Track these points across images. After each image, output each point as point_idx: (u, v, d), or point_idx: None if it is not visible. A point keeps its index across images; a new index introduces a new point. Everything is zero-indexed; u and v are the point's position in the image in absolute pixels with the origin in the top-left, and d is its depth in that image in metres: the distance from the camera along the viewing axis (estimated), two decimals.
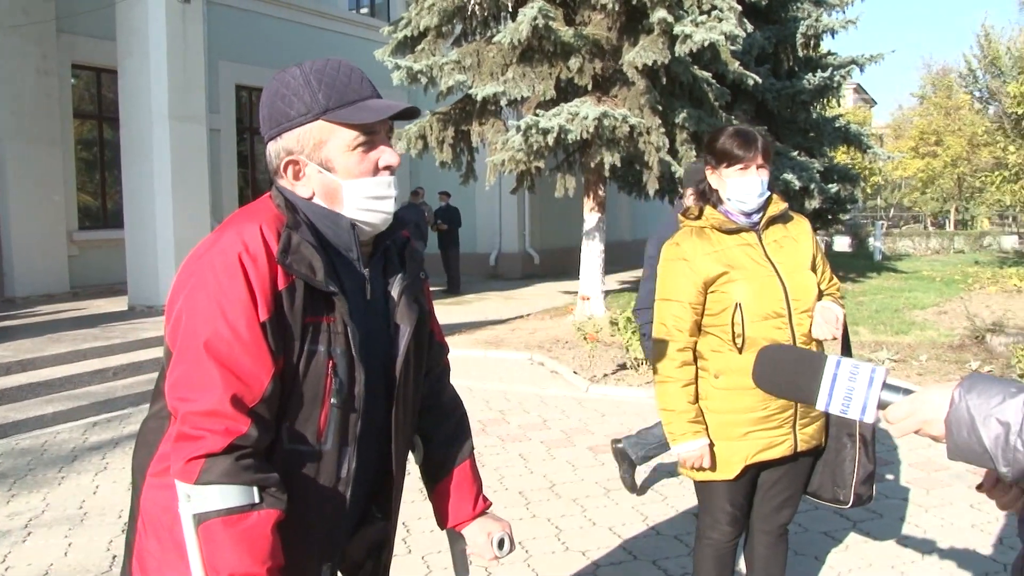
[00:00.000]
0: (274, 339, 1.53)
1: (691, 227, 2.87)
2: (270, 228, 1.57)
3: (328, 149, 1.63)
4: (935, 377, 7.91)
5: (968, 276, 17.09)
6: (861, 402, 1.39)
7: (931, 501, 4.88)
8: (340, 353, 1.60)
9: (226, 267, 1.51)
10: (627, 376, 8.24)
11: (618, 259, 19.43)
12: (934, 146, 37.21)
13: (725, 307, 2.74)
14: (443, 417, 1.98)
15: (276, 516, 1.51)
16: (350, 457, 1.65)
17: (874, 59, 16.08)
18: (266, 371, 1.52)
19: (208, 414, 1.47)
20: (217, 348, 1.49)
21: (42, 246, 12.39)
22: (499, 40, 10.37)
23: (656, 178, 10.78)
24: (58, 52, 12.59)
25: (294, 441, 1.59)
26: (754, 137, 2.78)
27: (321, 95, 1.61)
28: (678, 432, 2.78)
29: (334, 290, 1.57)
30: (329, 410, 1.60)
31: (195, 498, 1.47)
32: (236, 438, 1.47)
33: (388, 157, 1.66)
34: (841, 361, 1.42)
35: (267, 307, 1.52)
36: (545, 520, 4.68)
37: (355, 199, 1.65)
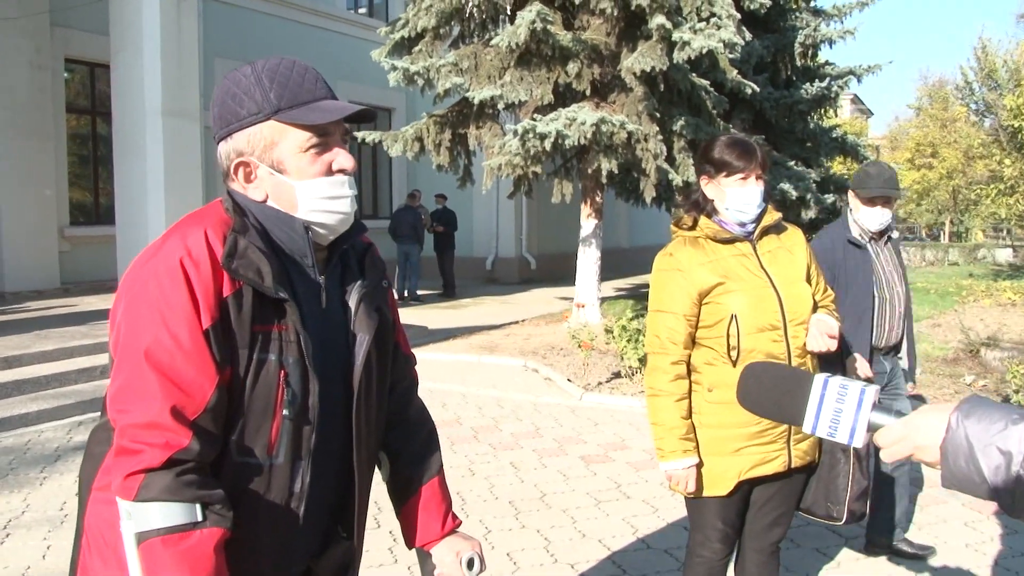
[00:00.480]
0: (219, 348, 1.45)
1: (684, 237, 2.81)
2: (216, 232, 1.50)
3: (279, 150, 1.56)
4: (930, 391, 7.86)
5: (962, 289, 17.05)
6: (850, 425, 1.31)
7: (925, 518, 4.81)
8: (293, 363, 1.52)
9: (168, 273, 1.44)
10: (621, 385, 8.17)
11: (615, 266, 19.40)
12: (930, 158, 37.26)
13: (720, 319, 2.67)
14: (410, 432, 1.90)
15: (220, 535, 1.43)
16: (303, 472, 1.57)
17: (871, 70, 16.04)
18: (209, 381, 1.44)
19: (147, 426, 1.40)
20: (157, 357, 1.42)
21: (33, 241, 12.29)
22: (497, 43, 10.30)
23: (653, 186, 10.71)
24: (51, 46, 12.51)
25: (243, 454, 1.51)
26: (753, 147, 2.74)
27: (273, 94, 1.54)
28: (667, 449, 2.71)
29: (284, 296, 1.50)
30: (281, 422, 1.52)
31: (135, 515, 1.40)
32: (176, 452, 1.40)
33: (342, 160, 1.60)
34: (829, 380, 1.34)
35: (210, 314, 1.44)
36: (535, 531, 4.60)
37: (309, 200, 1.58)
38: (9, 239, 12.05)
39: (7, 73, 11.88)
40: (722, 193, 2.73)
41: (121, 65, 10.66)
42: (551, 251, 19.58)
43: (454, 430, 6.57)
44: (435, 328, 11.56)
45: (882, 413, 1.29)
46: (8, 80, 11.89)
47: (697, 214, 2.80)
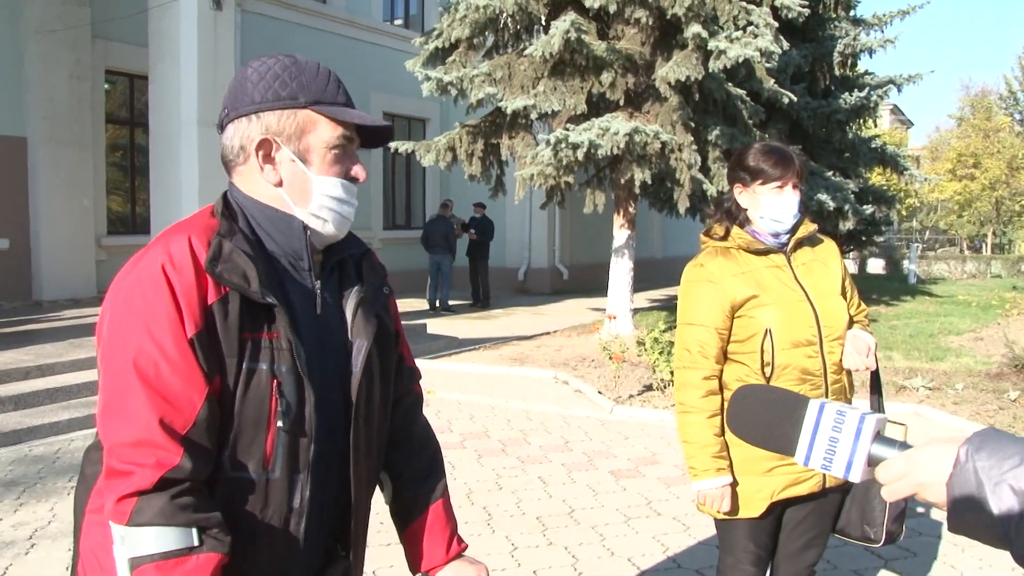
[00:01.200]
0: (205, 357, 1.39)
1: (716, 247, 2.70)
2: (200, 238, 1.44)
3: (308, 140, 1.53)
4: (971, 407, 7.66)
5: (1005, 302, 16.71)
6: (846, 457, 1.17)
7: (968, 540, 4.62)
8: (286, 371, 1.45)
9: (150, 281, 1.39)
10: (653, 398, 8.05)
11: (648, 277, 19.25)
12: (972, 168, 36.66)
13: (753, 333, 2.57)
14: (414, 452, 1.81)
15: (218, 560, 1.36)
16: (302, 486, 1.50)
17: (912, 79, 15.81)
18: (198, 392, 1.38)
19: (136, 444, 1.34)
20: (142, 369, 1.36)
21: (70, 250, 12.42)
22: (531, 53, 10.27)
23: (687, 196, 10.58)
24: (92, 57, 12.65)
25: (237, 469, 1.44)
26: (790, 155, 2.65)
27: (315, 85, 1.54)
28: (700, 468, 2.60)
29: (271, 301, 1.43)
30: (276, 434, 1.45)
31: (128, 540, 1.33)
32: (168, 471, 1.33)
33: (359, 170, 1.60)
34: (825, 406, 1.20)
35: (195, 322, 1.38)
36: (562, 548, 4.51)
37: (322, 196, 1.55)
38: (47, 248, 12.19)
39: (48, 84, 12.04)
40: (757, 202, 2.64)
41: (159, 76, 10.76)
42: (584, 261, 19.48)
43: (482, 443, 6.51)
44: (465, 338, 11.51)
45: (884, 445, 1.16)
46: (49, 91, 12.04)
47: (729, 224, 2.70)
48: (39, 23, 11.85)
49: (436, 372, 9.04)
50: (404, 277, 15.48)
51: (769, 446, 1.30)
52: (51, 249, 12.21)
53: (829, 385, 2.60)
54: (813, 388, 2.56)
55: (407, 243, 17.78)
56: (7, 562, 4.25)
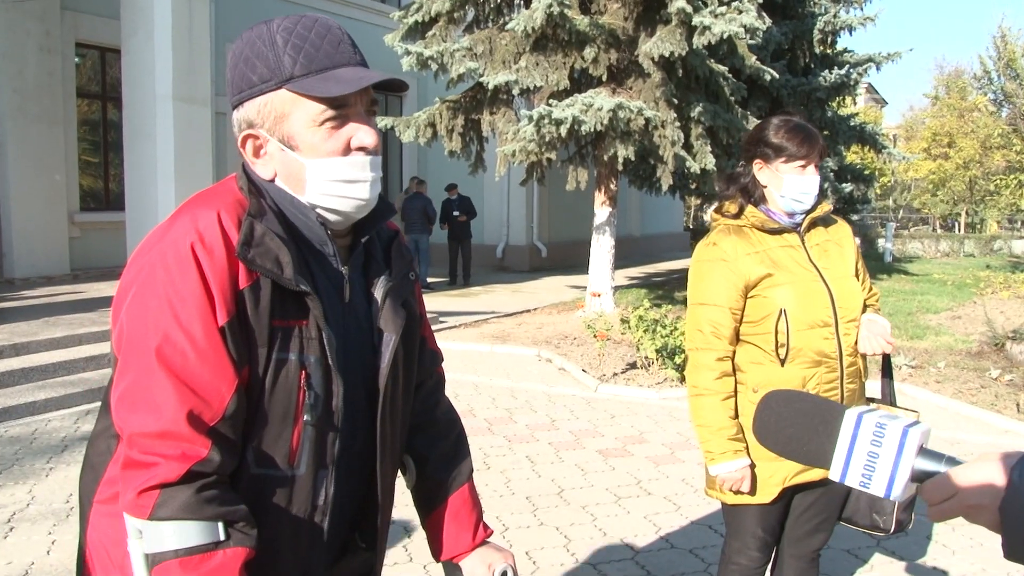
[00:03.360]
0: (236, 346, 1.30)
1: (728, 225, 2.62)
2: (230, 216, 1.33)
3: (291, 123, 1.38)
4: (954, 385, 7.68)
5: (980, 280, 16.84)
6: (887, 474, 1.06)
7: (956, 541, 4.57)
8: (314, 362, 1.36)
9: (178, 261, 1.28)
10: (637, 376, 8.01)
11: (627, 254, 19.24)
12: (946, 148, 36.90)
13: (767, 314, 2.50)
14: (438, 436, 1.73)
15: (245, 555, 1.28)
16: (328, 482, 1.41)
17: (891, 57, 15.83)
18: (228, 384, 1.29)
19: (161, 435, 1.24)
20: (169, 357, 1.26)
21: (42, 227, 12.19)
22: (512, 27, 10.13)
23: (670, 173, 10.52)
24: (62, 30, 12.37)
25: (262, 464, 1.36)
26: (816, 134, 2.57)
27: (287, 59, 1.35)
28: (717, 451, 2.53)
29: (305, 289, 1.34)
30: (303, 428, 1.37)
31: (148, 535, 1.24)
32: (195, 464, 1.25)
33: (363, 136, 1.40)
34: (863, 417, 1.09)
35: (226, 308, 1.29)
36: (554, 528, 4.46)
37: (320, 182, 1.40)
38: (19, 225, 11.95)
39: (17, 57, 11.76)
40: (779, 180, 2.55)
41: (132, 50, 10.52)
42: (562, 239, 19.42)
43: (468, 421, 6.40)
44: (446, 316, 11.42)
45: (929, 460, 1.05)
46: (18, 64, 11.77)
47: (744, 201, 2.62)
48: None
49: None
50: None
51: (801, 459, 1.19)
52: (23, 226, 11.98)
53: (844, 368, 2.54)
54: (828, 371, 2.51)
55: None
56: None
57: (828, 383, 2.51)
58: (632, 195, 20.80)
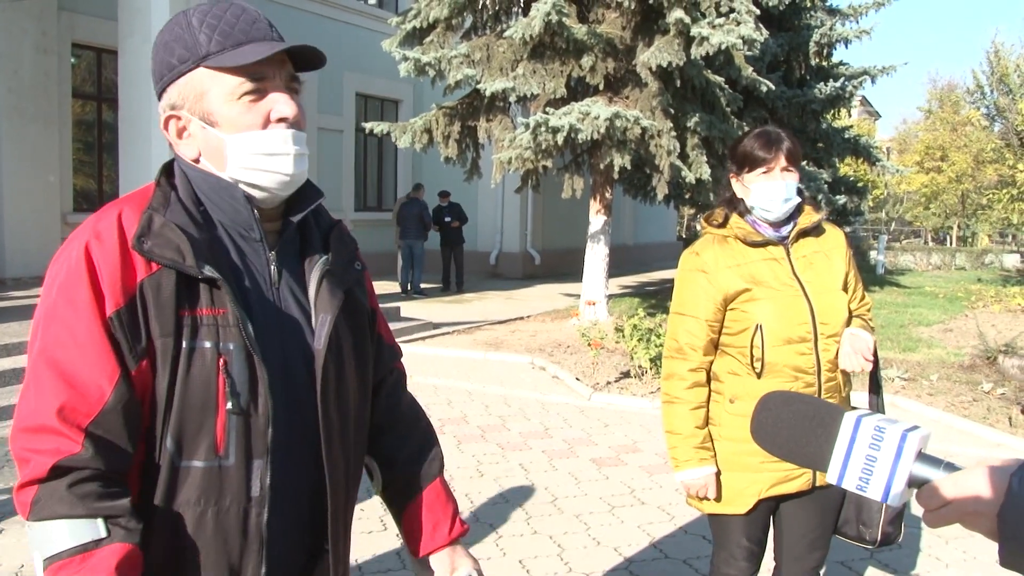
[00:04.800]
0: (125, 338, 1.29)
1: (713, 235, 2.62)
2: (133, 211, 1.34)
3: (210, 100, 1.38)
4: (946, 398, 7.70)
5: (971, 294, 16.90)
6: (884, 478, 1.05)
7: (951, 531, 4.63)
8: (234, 349, 1.34)
9: (72, 262, 1.31)
10: (631, 385, 8.01)
11: (620, 263, 19.25)
12: (939, 161, 37.01)
13: (745, 328, 2.50)
14: (405, 434, 1.70)
15: (128, 550, 1.25)
16: (262, 473, 1.38)
17: (886, 71, 15.91)
18: (107, 377, 1.28)
19: (36, 430, 1.25)
20: (51, 354, 1.28)
21: (35, 227, 12.12)
22: (510, 35, 10.14)
23: (666, 183, 10.53)
24: (58, 30, 12.32)
25: (188, 456, 1.34)
26: (778, 137, 2.52)
27: (202, 37, 1.37)
28: (682, 458, 2.56)
29: (211, 275, 1.32)
30: (227, 417, 1.34)
31: (36, 539, 1.24)
32: (64, 459, 1.23)
33: (282, 107, 1.39)
34: (862, 420, 1.08)
35: (115, 301, 1.29)
36: (547, 537, 4.45)
37: (240, 156, 1.39)
38: (11, 225, 11.89)
39: (12, 56, 11.71)
40: (747, 190, 2.55)
41: (128, 51, 10.49)
42: (555, 247, 19.43)
43: (461, 428, 6.42)
44: (439, 322, 11.40)
45: (927, 465, 1.04)
46: (13, 64, 11.72)
47: (729, 211, 2.61)
48: None
49: (411, 356, 8.93)
50: (375, 259, 15.28)
51: (798, 461, 1.19)
52: (15, 226, 11.91)
53: (823, 383, 2.53)
54: (806, 386, 2.50)
55: (379, 224, 17.62)
56: None
57: None
58: (626, 204, 20.83)
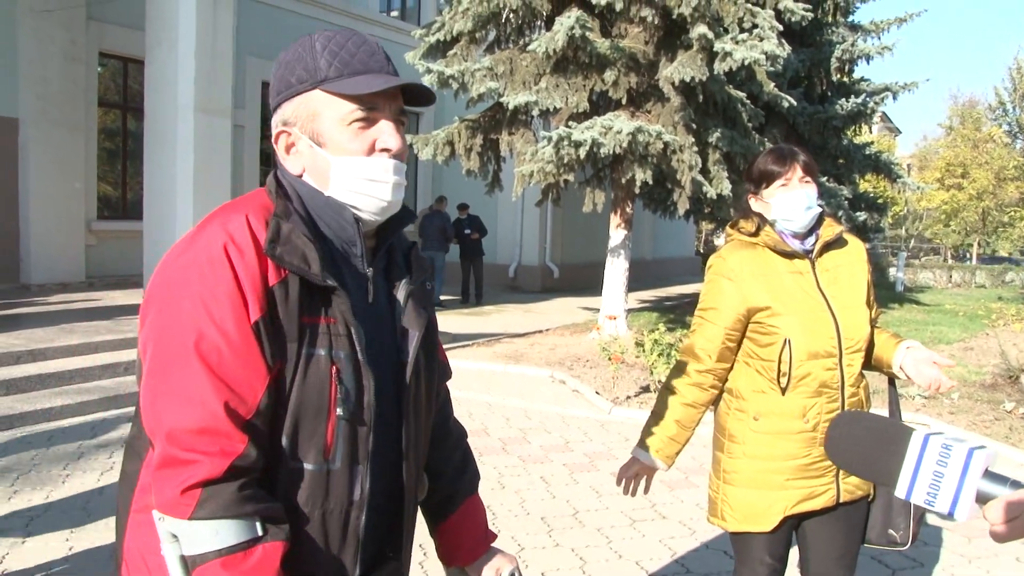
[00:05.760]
0: (268, 342, 1.33)
1: (741, 241, 2.63)
2: (258, 218, 1.37)
3: (321, 121, 1.44)
4: (968, 417, 7.65)
5: (992, 312, 16.77)
6: (952, 493, 1.10)
7: (973, 551, 4.63)
8: (344, 357, 1.39)
9: (210, 262, 1.32)
10: (651, 400, 8.00)
11: (638, 278, 19.22)
12: (960, 178, 36.84)
13: (771, 342, 2.51)
14: (452, 447, 1.79)
15: (283, 548, 1.30)
16: (363, 477, 1.43)
17: (908, 87, 15.83)
18: (260, 379, 1.31)
19: (200, 432, 1.26)
20: (206, 353, 1.29)
21: (60, 233, 12.26)
22: (534, 49, 10.19)
23: (687, 198, 10.54)
24: (86, 39, 12.50)
25: (298, 459, 1.38)
26: (792, 151, 2.57)
27: (323, 62, 1.43)
28: (646, 439, 2.61)
29: (332, 284, 1.37)
30: (336, 423, 1.39)
31: (184, 537, 1.25)
32: (236, 459, 1.27)
33: (388, 138, 1.46)
34: (930, 438, 1.13)
35: (259, 305, 1.32)
36: (569, 550, 4.46)
37: (345, 179, 1.45)
38: (36, 230, 12.02)
39: (42, 64, 11.88)
40: (767, 206, 2.57)
41: (156, 60, 10.62)
42: (574, 260, 19.44)
43: (481, 440, 6.44)
44: (458, 334, 11.43)
45: (993, 482, 1.09)
46: (42, 71, 11.88)
47: (760, 221, 2.62)
48: (33, 2, 11.69)
49: None
50: None
51: (869, 476, 1.26)
52: (41, 232, 12.05)
53: (846, 398, 2.53)
54: (829, 400, 2.50)
55: None
56: (4, 551, 4.15)
57: (829, 413, 2.50)
58: (645, 218, 20.81)
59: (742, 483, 2.58)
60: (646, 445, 2.61)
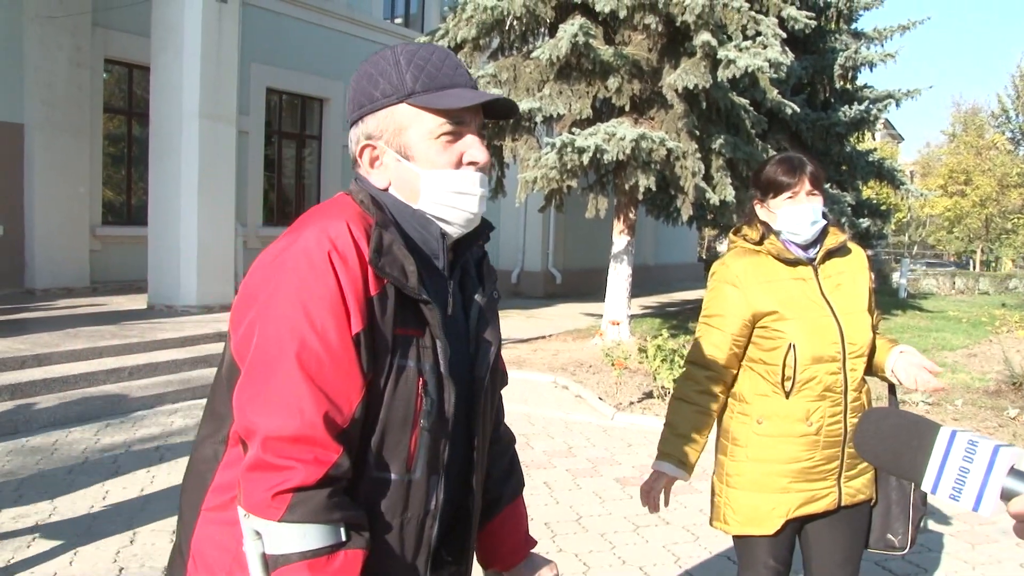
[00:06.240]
0: (366, 353, 1.34)
1: (744, 248, 2.66)
2: (357, 226, 1.38)
3: (409, 135, 1.46)
4: (972, 423, 7.66)
5: (995, 319, 16.75)
6: (976, 489, 1.11)
7: (977, 558, 4.64)
8: (429, 369, 1.41)
9: (312, 268, 1.32)
10: (654, 405, 8.02)
11: (641, 283, 19.21)
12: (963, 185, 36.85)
13: (776, 347, 2.53)
14: (502, 452, 1.80)
15: (363, 556, 1.32)
16: (439, 488, 1.46)
17: (911, 94, 15.86)
18: (356, 389, 1.33)
19: (295, 440, 1.28)
20: (307, 361, 1.30)
21: (64, 238, 12.30)
22: (537, 56, 10.21)
23: (690, 204, 10.55)
24: (92, 45, 12.55)
25: (382, 468, 1.40)
26: (801, 162, 2.59)
27: (409, 77, 1.45)
28: (666, 450, 2.60)
29: (427, 298, 1.39)
30: (419, 434, 1.41)
31: (269, 537, 1.27)
32: (329, 468, 1.28)
33: (475, 152, 1.48)
34: (956, 434, 1.15)
35: (361, 316, 1.33)
36: (573, 555, 4.47)
37: (434, 192, 1.47)
38: (41, 235, 12.06)
39: (47, 70, 11.93)
40: (773, 216, 2.60)
41: (161, 67, 10.69)
42: (577, 266, 19.45)
43: None
44: None
45: (1018, 480, 1.11)
46: (48, 77, 11.93)
47: (765, 230, 2.65)
48: (39, 8, 11.75)
49: None
50: None
51: (896, 471, 1.28)
52: (45, 237, 12.09)
53: (849, 402, 2.56)
54: (833, 404, 2.54)
55: None
56: (9, 555, 4.17)
57: (832, 416, 2.54)
58: (647, 224, 20.82)
59: (745, 486, 2.60)
60: (668, 457, 2.60)
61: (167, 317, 10.07)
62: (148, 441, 6.31)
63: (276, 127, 16.06)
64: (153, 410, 7.22)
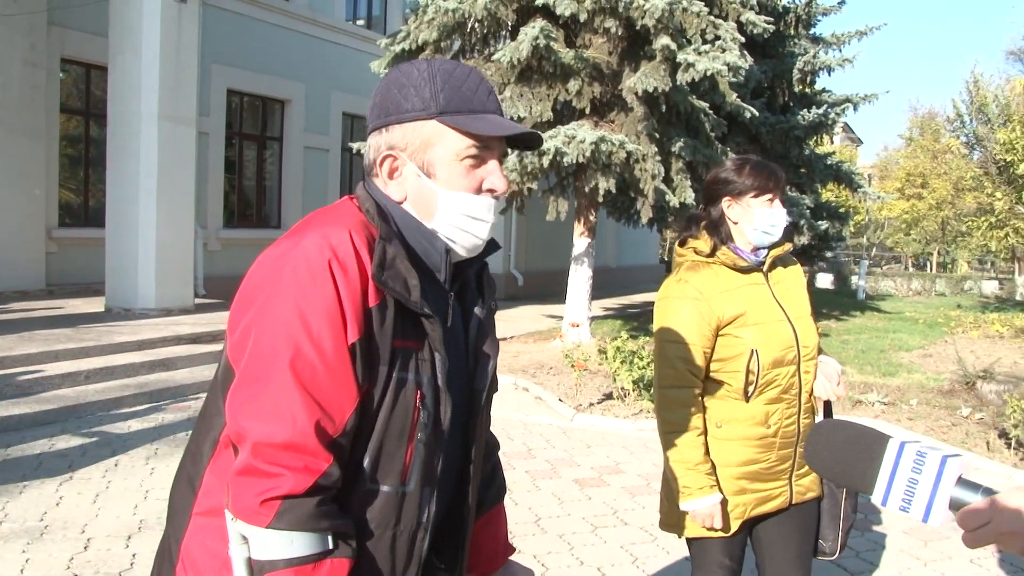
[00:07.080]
0: (362, 364, 1.34)
1: (698, 262, 2.68)
2: (359, 236, 1.38)
3: (435, 152, 1.46)
4: (926, 423, 7.79)
5: (951, 320, 17.06)
6: (925, 500, 1.14)
7: (929, 554, 4.73)
8: (426, 382, 1.42)
9: (312, 275, 1.32)
10: (613, 407, 8.07)
11: (602, 285, 19.31)
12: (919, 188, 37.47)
13: (738, 353, 2.56)
14: (487, 457, 1.80)
15: (349, 565, 1.33)
16: (432, 500, 1.46)
17: (868, 99, 16.08)
18: (350, 399, 1.33)
19: (286, 447, 1.28)
20: (301, 369, 1.30)
21: (19, 241, 12.09)
22: (498, 58, 10.24)
23: (650, 207, 10.63)
24: (47, 45, 12.36)
25: (376, 481, 1.40)
26: (776, 170, 2.69)
27: (443, 95, 1.44)
28: (695, 486, 2.55)
29: (428, 312, 1.40)
30: (415, 447, 1.42)
31: (256, 542, 1.27)
32: (319, 477, 1.29)
33: (495, 180, 1.49)
34: (905, 446, 1.17)
35: (357, 327, 1.33)
36: (531, 557, 4.49)
37: (450, 213, 1.47)
38: None
39: (1, 70, 11.72)
40: (750, 214, 2.63)
41: (119, 67, 10.55)
42: (539, 268, 19.51)
43: None
44: None
45: (966, 490, 1.13)
46: (1, 77, 11.73)
47: (716, 241, 2.68)
48: None
49: None
50: None
51: (846, 483, 1.29)
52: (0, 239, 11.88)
53: (802, 404, 2.63)
54: (788, 406, 2.59)
55: None
56: None
57: (788, 418, 2.60)
58: (609, 227, 20.94)
59: None
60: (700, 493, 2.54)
61: (125, 320, 9.94)
62: (104, 446, 6.24)
63: (237, 128, 15.91)
64: (110, 413, 7.13)
